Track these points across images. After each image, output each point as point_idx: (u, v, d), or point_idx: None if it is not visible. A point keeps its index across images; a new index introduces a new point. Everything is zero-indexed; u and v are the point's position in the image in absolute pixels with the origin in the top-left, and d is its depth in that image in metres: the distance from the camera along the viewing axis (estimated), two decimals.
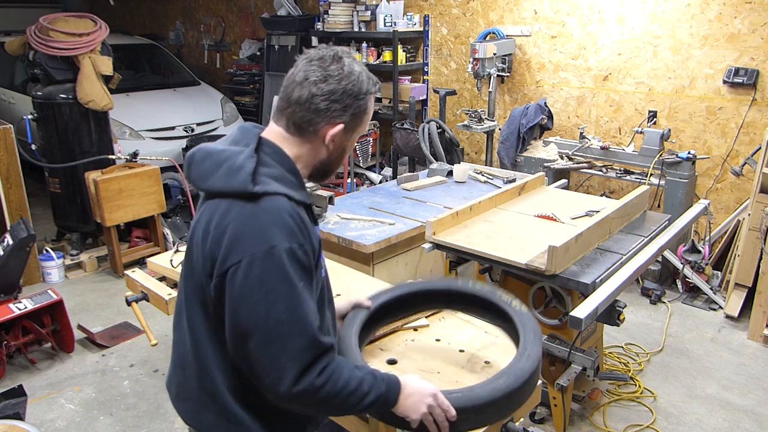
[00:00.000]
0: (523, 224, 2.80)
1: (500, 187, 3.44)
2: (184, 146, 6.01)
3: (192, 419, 1.44)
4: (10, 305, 3.30)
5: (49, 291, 3.46)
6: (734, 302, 3.94)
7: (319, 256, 1.41)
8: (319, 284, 1.41)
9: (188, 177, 1.38)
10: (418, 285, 1.80)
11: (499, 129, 5.13)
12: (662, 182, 4.22)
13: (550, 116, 4.97)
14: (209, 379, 1.37)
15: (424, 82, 6.16)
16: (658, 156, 4.18)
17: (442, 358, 1.81)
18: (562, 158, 4.66)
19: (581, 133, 4.63)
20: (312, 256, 1.30)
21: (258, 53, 7.78)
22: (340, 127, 1.36)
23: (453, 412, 1.37)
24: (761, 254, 3.70)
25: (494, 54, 5.02)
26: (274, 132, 1.38)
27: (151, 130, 6.03)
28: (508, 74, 5.31)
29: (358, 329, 1.59)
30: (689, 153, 4.11)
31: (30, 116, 4.55)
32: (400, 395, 1.36)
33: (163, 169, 4.97)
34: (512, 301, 1.68)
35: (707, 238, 4.27)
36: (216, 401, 1.38)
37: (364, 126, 1.43)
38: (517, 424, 1.78)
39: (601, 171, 4.53)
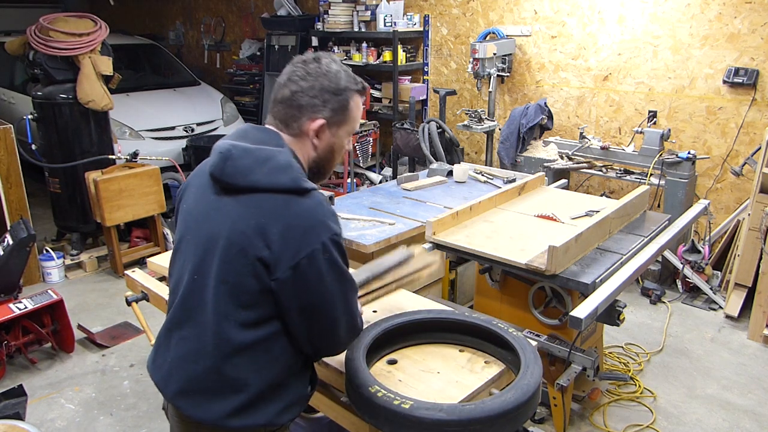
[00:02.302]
0: (523, 224, 2.80)
1: (500, 187, 3.44)
2: (184, 146, 6.01)
3: (197, 411, 1.45)
4: (10, 305, 3.30)
5: (49, 291, 3.46)
6: (734, 302, 3.94)
7: None
8: None
9: (221, 171, 1.41)
10: (419, 315, 1.90)
11: (499, 129, 5.13)
12: (662, 182, 4.22)
13: (550, 116, 4.97)
14: (230, 367, 1.41)
15: (424, 82, 6.16)
16: (658, 156, 4.18)
17: (442, 358, 1.81)
18: (562, 158, 4.66)
19: (581, 133, 4.63)
20: None
21: (258, 53, 7.78)
22: (321, 122, 1.47)
23: None
24: (761, 254, 3.70)
25: (494, 54, 5.02)
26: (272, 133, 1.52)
27: (151, 130, 6.03)
28: (508, 74, 5.31)
29: (365, 351, 1.67)
30: (689, 153, 4.11)
31: (30, 116, 4.55)
32: None
33: (163, 169, 4.97)
34: (509, 327, 1.81)
35: (707, 238, 4.27)
36: (234, 389, 1.42)
37: (349, 124, 1.53)
38: None
39: (601, 171, 4.53)
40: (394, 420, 1.47)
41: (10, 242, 3.46)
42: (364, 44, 6.15)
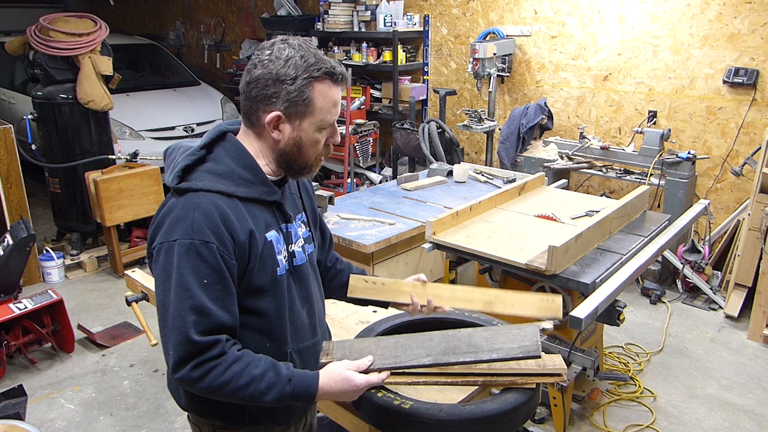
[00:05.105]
0: (523, 224, 2.80)
1: (500, 187, 3.44)
2: None
3: (175, 395, 1.54)
4: (10, 305, 3.30)
5: (49, 291, 3.46)
6: (734, 302, 3.94)
7: (268, 253, 1.40)
8: (276, 284, 1.42)
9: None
10: (419, 315, 1.86)
11: (499, 129, 5.13)
12: (662, 182, 4.22)
13: (550, 116, 4.97)
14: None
15: (424, 82, 6.16)
16: (658, 156, 4.18)
17: None
18: (562, 158, 4.66)
19: (581, 133, 4.63)
20: (228, 254, 1.31)
21: None
22: (274, 114, 1.35)
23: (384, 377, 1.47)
24: (761, 254, 3.70)
25: (494, 54, 5.02)
26: (241, 128, 1.45)
27: (151, 130, 6.03)
28: (508, 74, 5.31)
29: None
30: (689, 153, 4.11)
31: (30, 116, 4.55)
32: (318, 395, 1.39)
33: (163, 169, 4.98)
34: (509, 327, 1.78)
35: (707, 238, 4.27)
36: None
37: (315, 116, 1.37)
38: None
39: (601, 171, 4.53)
40: (394, 420, 1.47)
41: (10, 242, 3.46)
42: (364, 44, 6.15)
